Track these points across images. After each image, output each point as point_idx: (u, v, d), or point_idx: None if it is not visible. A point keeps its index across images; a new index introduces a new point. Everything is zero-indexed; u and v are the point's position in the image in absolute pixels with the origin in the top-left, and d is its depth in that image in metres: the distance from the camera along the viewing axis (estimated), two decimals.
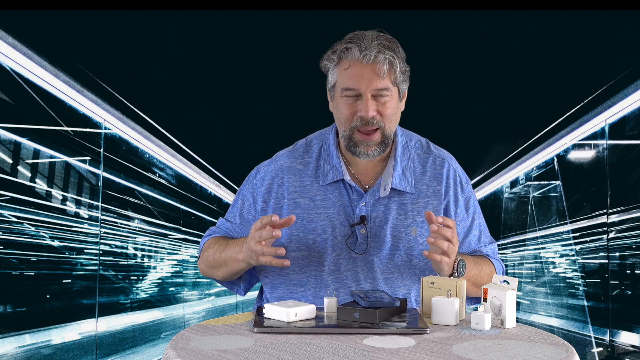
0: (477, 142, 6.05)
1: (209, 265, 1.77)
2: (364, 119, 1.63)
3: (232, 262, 1.68)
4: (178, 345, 1.23)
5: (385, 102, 1.64)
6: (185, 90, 5.32)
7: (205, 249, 1.79)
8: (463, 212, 1.76)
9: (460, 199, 1.75)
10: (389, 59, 1.62)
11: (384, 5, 3.89)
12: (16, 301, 3.47)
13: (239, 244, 1.65)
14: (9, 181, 3.36)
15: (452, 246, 1.52)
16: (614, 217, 4.18)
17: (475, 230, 1.77)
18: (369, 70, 1.62)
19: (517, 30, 4.64)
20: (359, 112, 1.63)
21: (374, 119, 1.64)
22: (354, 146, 1.67)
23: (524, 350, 1.22)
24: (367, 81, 1.62)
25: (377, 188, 1.71)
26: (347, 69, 1.64)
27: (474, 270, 1.68)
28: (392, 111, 1.66)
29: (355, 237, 1.69)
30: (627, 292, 4.22)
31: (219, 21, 4.68)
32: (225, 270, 1.72)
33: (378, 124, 1.64)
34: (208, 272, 1.79)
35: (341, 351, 1.19)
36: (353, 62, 1.63)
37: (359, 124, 1.64)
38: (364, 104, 1.63)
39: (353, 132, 1.66)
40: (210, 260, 1.75)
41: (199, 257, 1.83)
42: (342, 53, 1.65)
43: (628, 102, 4.02)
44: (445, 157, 1.78)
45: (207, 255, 1.76)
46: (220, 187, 7.46)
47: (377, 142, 1.66)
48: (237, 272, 1.72)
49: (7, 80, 3.32)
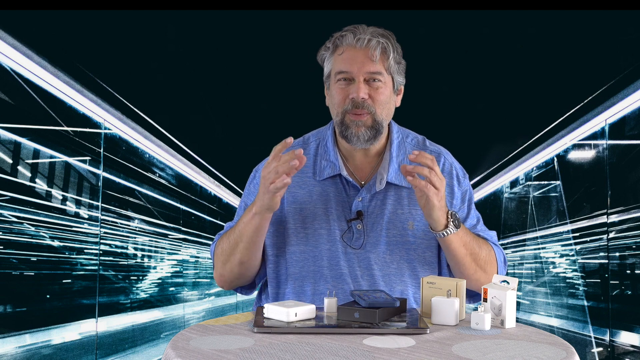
0: (477, 142, 6.04)
1: (225, 257, 1.69)
2: (355, 101, 1.64)
3: (248, 227, 1.61)
4: (178, 345, 1.23)
5: (377, 87, 1.66)
6: (185, 90, 5.32)
7: (217, 252, 1.74)
8: (459, 203, 1.76)
9: (456, 191, 1.75)
10: (382, 44, 1.65)
11: (384, 5, 3.90)
12: (16, 301, 3.47)
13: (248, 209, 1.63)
14: (9, 181, 3.36)
15: (435, 175, 1.50)
16: (614, 217, 4.18)
17: (472, 220, 1.76)
18: (362, 54, 1.64)
19: (517, 30, 4.64)
20: (351, 94, 1.65)
21: (364, 102, 1.64)
22: (346, 129, 1.67)
23: (524, 350, 1.22)
24: (359, 64, 1.64)
25: (373, 183, 1.72)
26: (341, 54, 1.67)
27: (469, 237, 1.64)
28: (384, 98, 1.67)
29: (351, 232, 1.70)
30: (627, 292, 4.22)
31: (219, 21, 4.68)
32: (244, 245, 1.65)
33: (369, 109, 1.65)
34: (225, 268, 1.71)
35: (341, 351, 1.19)
36: (347, 47, 1.67)
37: (350, 107, 1.65)
38: (356, 86, 1.64)
39: (345, 115, 1.67)
40: (225, 248, 1.69)
41: (214, 266, 1.76)
42: (337, 40, 1.68)
43: (628, 102, 4.02)
44: (441, 151, 1.79)
45: (222, 247, 1.70)
46: (220, 187, 7.46)
47: (367, 124, 1.66)
48: (256, 236, 1.64)
49: (7, 80, 3.32)
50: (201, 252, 7.34)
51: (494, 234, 1.79)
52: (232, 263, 1.70)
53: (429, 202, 1.53)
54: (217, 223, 7.73)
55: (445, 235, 1.59)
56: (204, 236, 7.27)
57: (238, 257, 1.68)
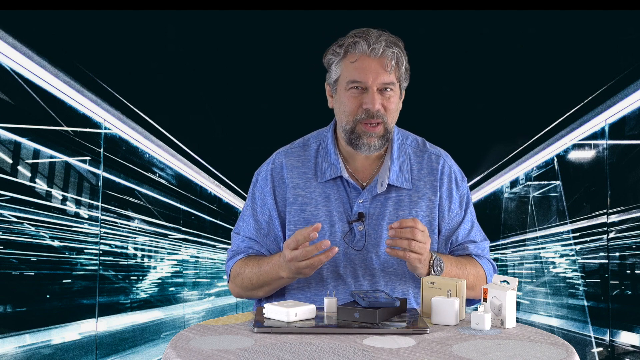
0: (477, 142, 6.04)
1: (246, 289, 1.73)
2: (369, 112, 1.65)
3: (276, 281, 1.66)
4: (178, 345, 1.23)
5: (389, 96, 1.67)
6: (185, 90, 5.32)
7: (235, 274, 1.75)
8: (457, 207, 1.76)
9: (454, 195, 1.76)
10: (397, 54, 1.66)
11: (384, 5, 3.90)
12: (16, 301, 3.47)
13: (274, 263, 1.62)
14: (9, 181, 3.36)
15: (415, 243, 1.52)
16: (614, 217, 4.18)
17: (467, 224, 1.77)
18: (377, 64, 1.65)
19: (517, 30, 4.64)
20: (365, 104, 1.65)
21: (378, 112, 1.66)
22: (357, 138, 1.68)
23: (524, 350, 1.22)
24: (374, 75, 1.64)
25: (374, 185, 1.72)
26: (353, 62, 1.66)
27: (456, 270, 1.66)
28: (394, 106, 1.69)
29: (353, 234, 1.70)
30: (627, 292, 4.22)
31: (219, 21, 4.68)
32: (269, 289, 1.70)
33: (382, 118, 1.66)
34: (245, 294, 1.76)
35: (341, 351, 1.19)
36: (361, 56, 1.66)
37: (364, 117, 1.66)
38: (371, 96, 1.65)
39: (356, 124, 1.67)
40: (246, 284, 1.72)
41: (229, 281, 1.79)
42: (349, 47, 1.67)
43: (628, 102, 4.02)
44: (441, 154, 1.80)
45: (242, 279, 1.72)
46: (220, 187, 7.46)
47: (379, 134, 1.68)
48: (283, 286, 1.71)
49: (7, 80, 3.32)
50: (201, 252, 7.35)
51: (485, 245, 1.79)
52: (253, 294, 1.75)
53: (411, 266, 1.57)
54: (217, 223, 7.73)
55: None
56: (204, 236, 7.27)
57: (261, 294, 1.73)
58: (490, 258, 1.80)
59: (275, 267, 1.61)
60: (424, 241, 1.53)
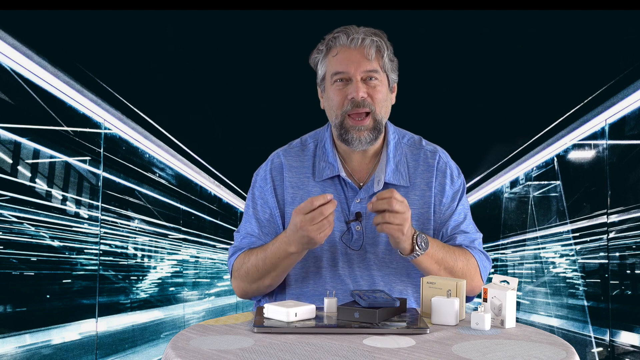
0: (477, 142, 6.05)
1: (252, 279, 1.69)
2: (354, 100, 1.65)
3: (284, 260, 1.62)
4: (178, 345, 1.23)
5: (375, 85, 1.67)
6: (185, 90, 5.32)
7: (238, 267, 1.72)
8: (449, 202, 1.75)
9: (447, 189, 1.75)
10: (377, 42, 1.66)
11: (384, 5, 3.90)
12: (16, 301, 3.47)
13: (280, 240, 1.61)
14: (9, 181, 3.36)
15: (390, 214, 1.50)
16: (614, 217, 4.18)
17: (459, 216, 1.75)
18: (357, 54, 1.66)
19: (517, 30, 4.64)
20: (350, 94, 1.65)
21: (364, 101, 1.65)
22: (346, 132, 1.68)
23: (524, 350, 1.22)
24: (355, 64, 1.65)
25: (371, 184, 1.72)
26: (335, 55, 1.68)
27: (442, 253, 1.63)
28: (382, 96, 1.68)
29: (350, 233, 1.70)
30: (627, 292, 4.22)
31: (219, 21, 4.68)
32: (275, 274, 1.66)
33: (369, 107, 1.66)
34: (251, 287, 1.71)
35: (341, 351, 1.19)
36: (341, 48, 1.67)
37: (350, 107, 1.66)
38: (354, 85, 1.65)
39: (344, 118, 1.67)
40: (252, 273, 1.68)
41: (232, 277, 1.75)
42: (330, 42, 1.69)
43: (628, 102, 4.02)
44: (437, 149, 1.79)
45: (247, 269, 1.69)
46: (220, 187, 7.47)
47: (368, 127, 1.67)
48: (290, 267, 1.66)
49: (7, 80, 3.32)
50: (201, 252, 7.35)
51: (478, 237, 1.76)
52: (259, 285, 1.70)
53: (392, 238, 1.55)
54: (217, 223, 7.73)
55: (413, 258, 1.60)
56: (204, 236, 7.27)
57: (267, 282, 1.69)
58: (483, 250, 1.77)
59: (283, 244, 1.59)
60: (403, 211, 1.51)
